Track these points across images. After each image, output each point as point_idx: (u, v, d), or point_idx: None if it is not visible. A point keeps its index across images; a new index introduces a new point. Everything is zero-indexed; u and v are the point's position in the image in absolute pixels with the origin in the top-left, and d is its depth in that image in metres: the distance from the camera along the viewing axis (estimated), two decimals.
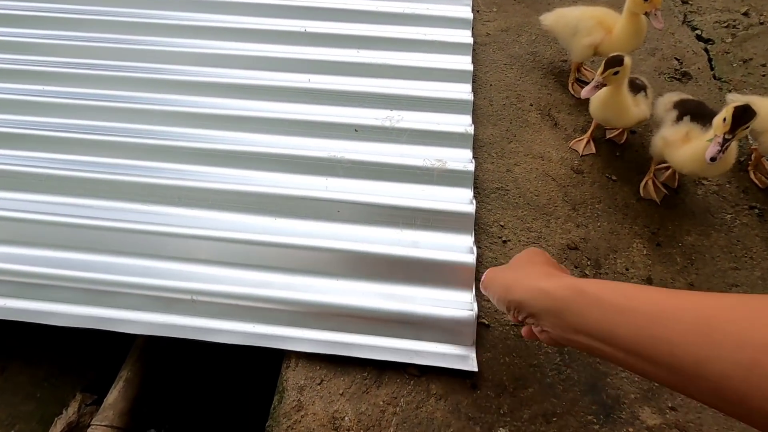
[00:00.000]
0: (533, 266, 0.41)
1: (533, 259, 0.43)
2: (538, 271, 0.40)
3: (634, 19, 0.66)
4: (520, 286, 0.38)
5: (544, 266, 0.41)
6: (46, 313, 0.55)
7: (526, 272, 0.40)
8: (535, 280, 0.37)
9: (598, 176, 0.68)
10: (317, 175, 0.65)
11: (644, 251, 0.60)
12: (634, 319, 0.29)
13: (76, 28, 0.83)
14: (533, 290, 0.36)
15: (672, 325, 0.27)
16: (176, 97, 0.74)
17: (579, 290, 0.33)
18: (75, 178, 0.63)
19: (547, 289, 0.35)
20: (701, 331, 0.26)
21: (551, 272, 0.39)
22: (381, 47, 0.80)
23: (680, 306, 0.28)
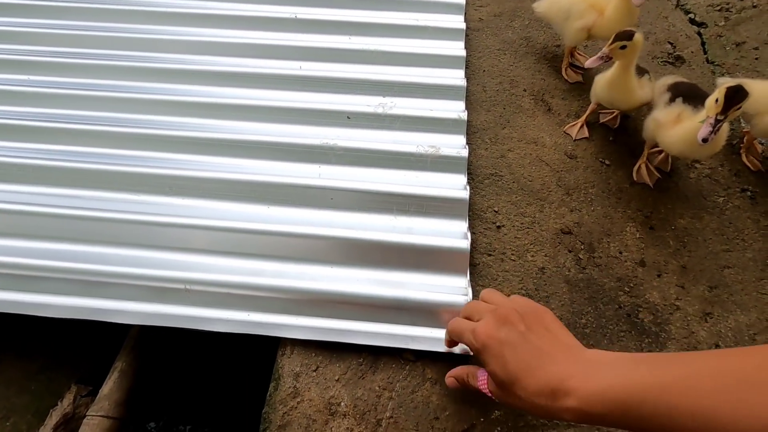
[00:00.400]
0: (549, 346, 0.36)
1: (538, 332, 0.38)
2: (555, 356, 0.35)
3: (622, 3, 0.66)
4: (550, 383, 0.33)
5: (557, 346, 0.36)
6: (38, 304, 0.54)
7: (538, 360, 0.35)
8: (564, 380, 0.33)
9: (592, 161, 0.68)
10: (310, 163, 0.64)
11: (637, 235, 0.61)
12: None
13: (62, 16, 0.82)
14: (586, 398, 0.32)
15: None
16: (165, 86, 0.73)
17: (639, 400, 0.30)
18: (63, 169, 0.62)
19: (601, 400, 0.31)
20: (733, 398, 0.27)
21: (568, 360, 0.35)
22: (373, 33, 0.79)
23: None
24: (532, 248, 0.59)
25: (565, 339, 0.38)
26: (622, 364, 0.33)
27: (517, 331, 0.38)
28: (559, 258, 0.58)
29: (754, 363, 0.28)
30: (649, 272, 0.58)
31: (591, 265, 0.58)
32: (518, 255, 0.58)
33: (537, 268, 0.57)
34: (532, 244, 0.59)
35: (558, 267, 0.57)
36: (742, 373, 0.27)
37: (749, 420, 0.26)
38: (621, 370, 0.32)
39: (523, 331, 0.38)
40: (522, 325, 0.38)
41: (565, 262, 0.58)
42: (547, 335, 0.38)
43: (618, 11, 0.67)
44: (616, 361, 0.34)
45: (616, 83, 0.62)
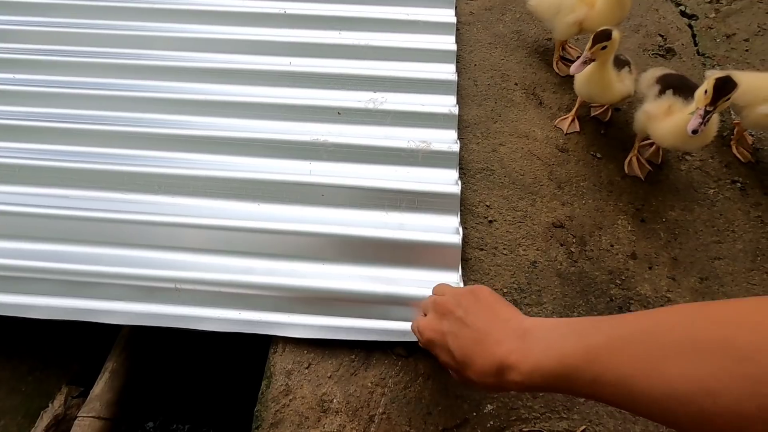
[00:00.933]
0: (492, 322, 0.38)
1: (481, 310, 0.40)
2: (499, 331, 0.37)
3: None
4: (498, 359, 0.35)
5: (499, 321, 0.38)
6: (26, 306, 0.54)
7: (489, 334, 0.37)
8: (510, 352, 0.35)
9: (583, 154, 0.68)
10: (300, 159, 0.64)
11: (629, 227, 0.61)
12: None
13: (47, 13, 0.81)
14: (527, 373, 0.34)
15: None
16: (154, 83, 0.72)
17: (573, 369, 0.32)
18: (50, 168, 0.62)
19: (539, 371, 0.34)
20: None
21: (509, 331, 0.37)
22: (363, 28, 0.79)
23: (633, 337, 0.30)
24: (523, 242, 0.59)
25: (504, 313, 0.39)
26: (555, 335, 0.34)
27: (455, 318, 0.40)
28: (551, 251, 0.58)
29: (665, 327, 0.29)
30: (640, 265, 0.58)
31: (583, 258, 0.58)
32: (510, 249, 0.58)
33: (529, 261, 0.57)
34: (523, 238, 0.59)
35: (550, 260, 0.57)
36: (655, 341, 0.29)
37: (660, 384, 0.27)
38: (554, 342, 0.34)
39: (461, 317, 0.39)
40: (460, 310, 0.40)
41: (556, 256, 0.58)
42: (484, 314, 0.39)
43: (609, 4, 0.67)
44: (550, 331, 0.35)
45: (594, 79, 0.62)
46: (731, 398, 0.24)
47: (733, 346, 0.25)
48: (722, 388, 0.25)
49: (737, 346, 0.25)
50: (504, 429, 0.46)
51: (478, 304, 0.40)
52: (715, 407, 0.25)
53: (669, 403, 0.27)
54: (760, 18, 0.86)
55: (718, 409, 0.25)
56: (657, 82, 0.61)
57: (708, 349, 0.26)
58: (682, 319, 0.29)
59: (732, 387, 0.24)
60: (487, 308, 0.40)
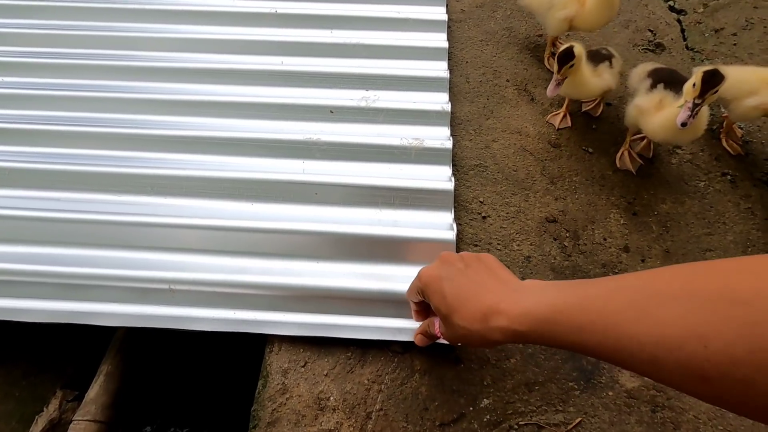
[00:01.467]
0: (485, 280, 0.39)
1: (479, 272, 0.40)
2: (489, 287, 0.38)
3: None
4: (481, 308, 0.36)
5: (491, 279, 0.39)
6: (20, 310, 0.53)
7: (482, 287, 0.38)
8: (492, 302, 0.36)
9: (575, 149, 0.68)
10: (293, 158, 0.64)
11: (621, 221, 0.61)
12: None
13: (38, 15, 0.80)
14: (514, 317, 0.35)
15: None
16: (146, 84, 0.71)
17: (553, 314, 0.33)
18: (41, 171, 0.61)
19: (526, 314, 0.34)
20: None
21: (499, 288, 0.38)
22: (355, 26, 0.79)
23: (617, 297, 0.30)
24: (517, 237, 0.59)
25: (503, 274, 0.40)
26: (551, 288, 0.35)
27: (455, 267, 0.41)
28: (545, 246, 0.59)
29: (664, 278, 0.29)
30: (633, 258, 0.58)
31: (576, 252, 0.58)
32: (504, 244, 0.59)
33: (523, 257, 0.58)
34: (517, 234, 0.60)
35: (544, 255, 0.58)
36: (651, 288, 0.28)
37: (650, 329, 0.27)
38: (548, 293, 0.34)
39: (461, 268, 0.40)
40: (461, 263, 0.41)
41: (550, 251, 0.58)
42: (483, 270, 0.40)
43: (598, 4, 0.67)
44: (547, 286, 0.36)
45: (569, 83, 0.62)
46: (723, 342, 0.24)
47: (732, 290, 0.24)
48: (715, 332, 0.24)
49: (736, 290, 0.24)
50: (500, 423, 0.47)
51: (480, 264, 0.41)
52: (705, 352, 0.24)
53: (657, 350, 0.26)
54: (748, 12, 0.87)
55: (709, 354, 0.24)
56: (648, 76, 0.61)
57: (705, 296, 0.25)
58: (683, 272, 0.28)
59: (725, 330, 0.24)
60: (488, 268, 0.41)
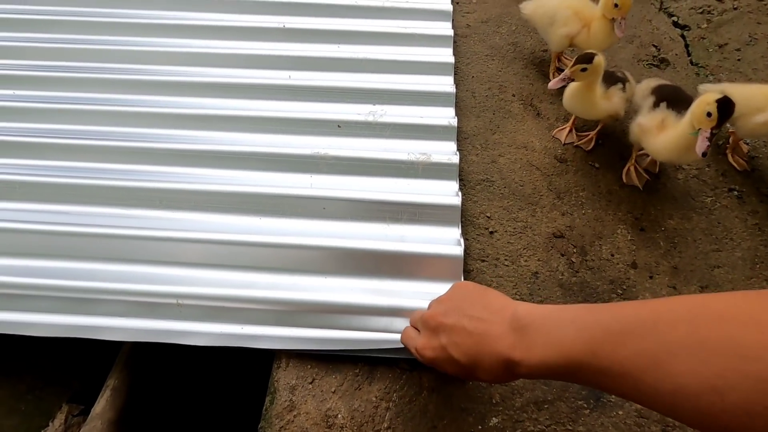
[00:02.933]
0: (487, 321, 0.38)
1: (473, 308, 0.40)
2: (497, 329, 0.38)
3: (606, 22, 0.68)
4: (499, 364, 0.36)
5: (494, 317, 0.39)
6: (26, 323, 0.53)
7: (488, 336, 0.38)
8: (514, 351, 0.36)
9: (582, 164, 0.68)
10: (301, 173, 0.64)
11: (628, 237, 0.61)
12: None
13: (47, 29, 0.81)
14: (537, 367, 0.35)
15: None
16: (154, 98, 0.72)
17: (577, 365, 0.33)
18: (50, 184, 0.62)
19: (547, 365, 0.34)
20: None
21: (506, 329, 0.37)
22: (362, 42, 0.79)
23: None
24: (525, 253, 0.59)
25: (493, 303, 0.40)
26: (552, 326, 0.35)
27: (449, 327, 0.40)
28: (552, 262, 0.58)
29: (667, 322, 0.29)
30: (641, 274, 0.58)
31: (584, 268, 0.58)
32: (511, 260, 0.59)
33: (530, 272, 0.58)
34: (525, 249, 0.60)
35: (551, 271, 0.58)
36: (657, 335, 0.29)
37: (665, 379, 0.28)
38: (553, 334, 0.34)
39: (454, 324, 0.40)
40: (451, 318, 0.40)
41: (558, 266, 0.58)
42: (475, 310, 0.40)
43: (602, 30, 0.68)
44: (545, 321, 0.36)
45: (578, 96, 0.63)
46: (739, 396, 0.25)
47: (739, 345, 0.25)
48: (730, 387, 0.25)
49: (744, 345, 0.25)
50: None
51: (465, 303, 0.41)
52: (723, 404, 0.25)
53: (676, 399, 0.27)
54: (751, 28, 0.87)
55: (726, 407, 0.25)
56: (651, 93, 0.61)
57: (713, 349, 0.26)
58: (684, 314, 0.29)
59: (739, 386, 0.25)
60: (475, 303, 0.40)
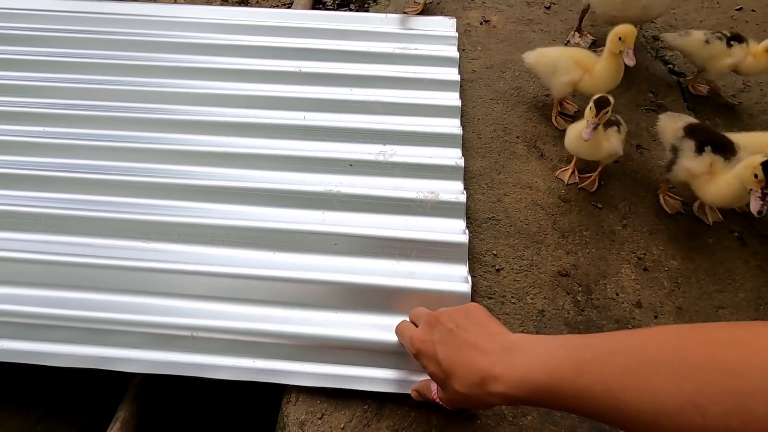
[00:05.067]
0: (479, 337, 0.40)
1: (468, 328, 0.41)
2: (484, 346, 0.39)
3: (613, 59, 0.72)
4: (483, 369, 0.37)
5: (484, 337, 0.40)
6: (45, 354, 0.54)
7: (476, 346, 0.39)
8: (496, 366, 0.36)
9: (585, 204, 0.71)
10: (314, 209, 0.67)
11: (632, 276, 0.62)
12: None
13: (76, 71, 0.86)
14: (515, 382, 0.35)
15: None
16: (175, 136, 0.76)
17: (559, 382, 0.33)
18: (74, 217, 0.64)
19: (528, 384, 0.35)
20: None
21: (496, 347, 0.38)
22: (373, 85, 0.84)
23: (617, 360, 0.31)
24: (531, 291, 0.61)
25: (492, 327, 0.41)
26: (543, 349, 0.35)
27: (446, 329, 0.42)
28: (558, 300, 0.60)
29: (654, 343, 0.30)
30: (646, 313, 0.59)
31: (589, 307, 0.59)
32: (518, 298, 0.60)
33: (537, 310, 0.59)
34: (531, 287, 0.61)
35: (557, 309, 0.59)
36: (644, 353, 0.30)
37: (647, 396, 0.28)
38: (541, 355, 0.35)
39: (451, 329, 0.41)
40: (451, 323, 0.42)
41: (563, 304, 0.59)
42: (473, 328, 0.41)
43: (607, 70, 0.73)
44: (537, 344, 0.36)
45: (580, 139, 0.65)
46: (718, 412, 0.25)
47: (721, 361, 0.26)
48: (709, 403, 0.25)
49: (725, 361, 0.26)
50: None
51: (468, 320, 0.43)
52: (703, 421, 0.25)
53: (657, 417, 0.27)
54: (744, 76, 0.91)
55: (706, 423, 0.25)
56: (687, 136, 0.64)
57: (696, 366, 0.27)
58: (671, 338, 0.30)
59: (719, 401, 0.25)
60: (477, 323, 0.42)
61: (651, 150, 0.78)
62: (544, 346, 0.36)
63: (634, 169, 0.76)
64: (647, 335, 0.32)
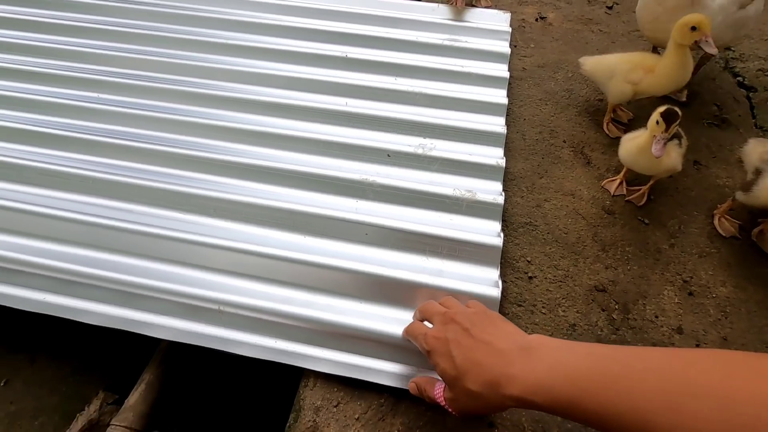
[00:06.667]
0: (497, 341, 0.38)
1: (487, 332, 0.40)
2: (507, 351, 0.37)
3: (680, 53, 0.64)
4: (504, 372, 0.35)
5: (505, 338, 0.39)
6: (81, 310, 0.57)
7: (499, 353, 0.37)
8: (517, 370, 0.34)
9: (630, 218, 0.67)
10: (348, 197, 0.66)
11: (675, 299, 0.59)
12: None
13: (132, 41, 0.89)
14: (531, 388, 0.33)
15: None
16: (217, 112, 0.77)
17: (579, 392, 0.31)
18: (119, 183, 0.67)
19: (545, 390, 0.33)
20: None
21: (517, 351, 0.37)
22: (418, 76, 0.82)
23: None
24: (563, 303, 0.58)
25: (508, 328, 0.40)
26: (565, 355, 0.33)
27: (462, 328, 0.41)
28: (592, 316, 0.57)
29: (698, 368, 0.28)
30: (686, 341, 0.55)
31: (625, 326, 0.56)
32: (549, 308, 0.58)
33: (568, 324, 0.56)
34: (564, 299, 0.58)
35: (590, 325, 0.56)
36: (685, 377, 0.27)
37: (685, 423, 0.26)
38: (564, 361, 0.33)
39: (467, 328, 0.40)
40: (467, 322, 0.41)
41: (597, 321, 0.56)
42: (490, 328, 0.40)
43: (672, 65, 0.65)
44: (559, 349, 0.34)
45: (646, 151, 0.61)
46: None
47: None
48: None
49: None
50: None
51: (485, 320, 0.42)
52: None
53: None
54: None
55: None
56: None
57: (746, 399, 0.25)
58: (719, 365, 0.28)
59: None
60: (492, 323, 0.41)
61: (709, 167, 0.73)
62: (567, 351, 0.34)
63: (688, 186, 0.71)
64: (689, 358, 0.29)
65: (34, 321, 0.56)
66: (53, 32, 0.91)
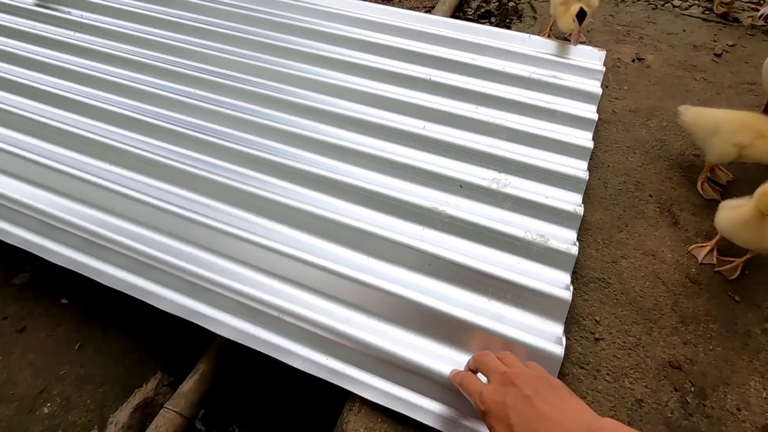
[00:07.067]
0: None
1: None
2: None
3: None
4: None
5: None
6: (153, 294, 0.61)
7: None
8: None
9: (718, 292, 0.61)
10: (415, 223, 0.66)
11: (764, 393, 0.53)
12: None
13: (231, 43, 0.94)
14: None
15: None
16: (300, 121, 0.80)
17: None
18: (203, 178, 0.70)
19: None
20: None
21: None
22: (500, 107, 0.81)
23: None
24: (631, 373, 0.54)
25: (575, 404, 0.37)
26: None
27: (522, 394, 0.38)
28: (662, 394, 0.52)
29: None
30: None
31: (699, 413, 0.51)
32: (614, 377, 0.54)
33: (634, 398, 0.52)
34: (632, 369, 0.54)
35: (659, 404, 0.52)
36: None
37: None
38: None
39: (528, 395, 0.38)
40: (528, 388, 0.39)
41: (668, 401, 0.52)
42: (554, 400, 0.37)
43: None
44: None
45: (751, 224, 0.55)
46: None
47: None
48: None
49: None
50: None
51: (549, 390, 0.39)
52: None
53: None
54: None
55: None
56: None
57: None
58: None
59: None
60: (558, 396, 0.38)
61: None
62: None
63: None
64: None
65: (111, 295, 0.60)
66: (161, 27, 0.99)
